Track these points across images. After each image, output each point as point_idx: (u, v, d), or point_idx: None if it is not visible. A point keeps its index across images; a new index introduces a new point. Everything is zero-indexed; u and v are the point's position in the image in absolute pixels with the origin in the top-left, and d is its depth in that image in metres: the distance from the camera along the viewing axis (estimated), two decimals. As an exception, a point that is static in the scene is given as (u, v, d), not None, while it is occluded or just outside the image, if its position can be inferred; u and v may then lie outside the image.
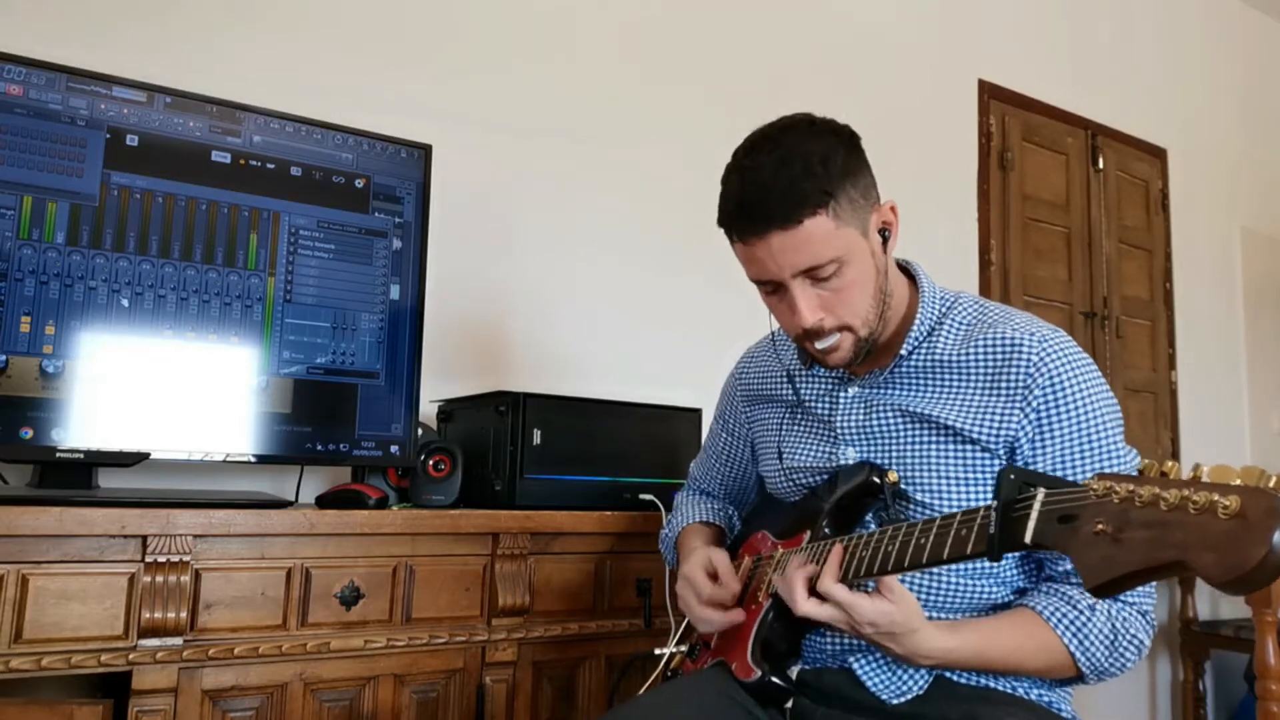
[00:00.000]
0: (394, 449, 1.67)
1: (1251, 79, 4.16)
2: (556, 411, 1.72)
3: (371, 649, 1.44)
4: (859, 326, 1.12)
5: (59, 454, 1.41)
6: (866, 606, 0.99)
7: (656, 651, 1.40)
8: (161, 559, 1.30)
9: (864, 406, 1.20)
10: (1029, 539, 0.82)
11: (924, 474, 1.13)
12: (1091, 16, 3.59)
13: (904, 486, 1.14)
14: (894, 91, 2.96)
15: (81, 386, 1.44)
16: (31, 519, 1.23)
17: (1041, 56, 3.42)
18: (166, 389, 1.50)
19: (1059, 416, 1.09)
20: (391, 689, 1.47)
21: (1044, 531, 0.81)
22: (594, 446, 1.74)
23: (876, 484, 1.14)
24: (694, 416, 1.88)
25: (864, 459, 1.18)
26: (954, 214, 3.10)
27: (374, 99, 2.02)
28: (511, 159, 2.23)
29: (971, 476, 1.11)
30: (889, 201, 1.14)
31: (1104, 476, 0.74)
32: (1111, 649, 1.06)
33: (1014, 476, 0.85)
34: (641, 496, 1.74)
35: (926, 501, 1.12)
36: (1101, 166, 3.51)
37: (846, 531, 1.14)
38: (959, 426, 1.12)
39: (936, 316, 1.18)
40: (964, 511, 0.93)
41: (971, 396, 1.13)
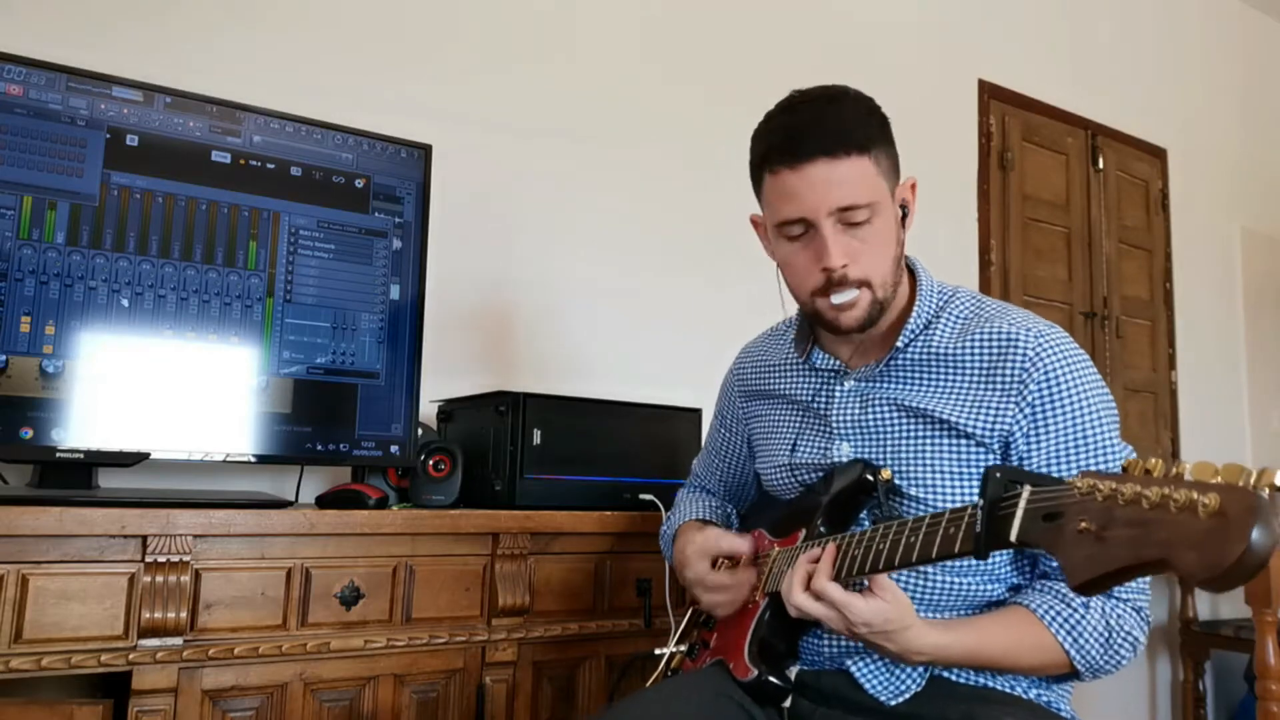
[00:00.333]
0: (394, 449, 1.67)
1: (1251, 79, 4.16)
2: (556, 411, 1.72)
3: (371, 649, 1.44)
4: (878, 285, 1.13)
5: (59, 454, 1.42)
6: (861, 606, 0.99)
7: (656, 651, 1.40)
8: (161, 559, 1.30)
9: (860, 401, 1.20)
10: (1014, 537, 0.82)
11: (918, 469, 1.13)
12: (1091, 16, 3.59)
13: (898, 482, 1.14)
14: (894, 91, 2.91)
15: (81, 386, 1.44)
16: (31, 519, 1.23)
17: (1041, 56, 3.42)
18: (166, 389, 1.50)
19: (1054, 412, 1.09)
20: (391, 689, 1.47)
21: (1029, 530, 0.81)
22: (594, 446, 1.74)
23: (870, 481, 1.14)
24: (694, 416, 1.88)
25: (859, 455, 1.18)
26: (954, 214, 3.10)
27: (374, 99, 2.02)
28: (511, 159, 2.23)
29: (966, 471, 1.11)
30: (910, 179, 1.18)
31: (1088, 474, 0.75)
32: (1106, 646, 1.06)
33: (1000, 475, 0.85)
34: (641, 496, 1.74)
35: (920, 497, 1.13)
36: (1101, 166, 3.51)
37: (842, 529, 1.14)
38: (954, 420, 1.12)
39: (934, 310, 1.19)
40: (952, 510, 0.93)
41: (967, 391, 1.13)
